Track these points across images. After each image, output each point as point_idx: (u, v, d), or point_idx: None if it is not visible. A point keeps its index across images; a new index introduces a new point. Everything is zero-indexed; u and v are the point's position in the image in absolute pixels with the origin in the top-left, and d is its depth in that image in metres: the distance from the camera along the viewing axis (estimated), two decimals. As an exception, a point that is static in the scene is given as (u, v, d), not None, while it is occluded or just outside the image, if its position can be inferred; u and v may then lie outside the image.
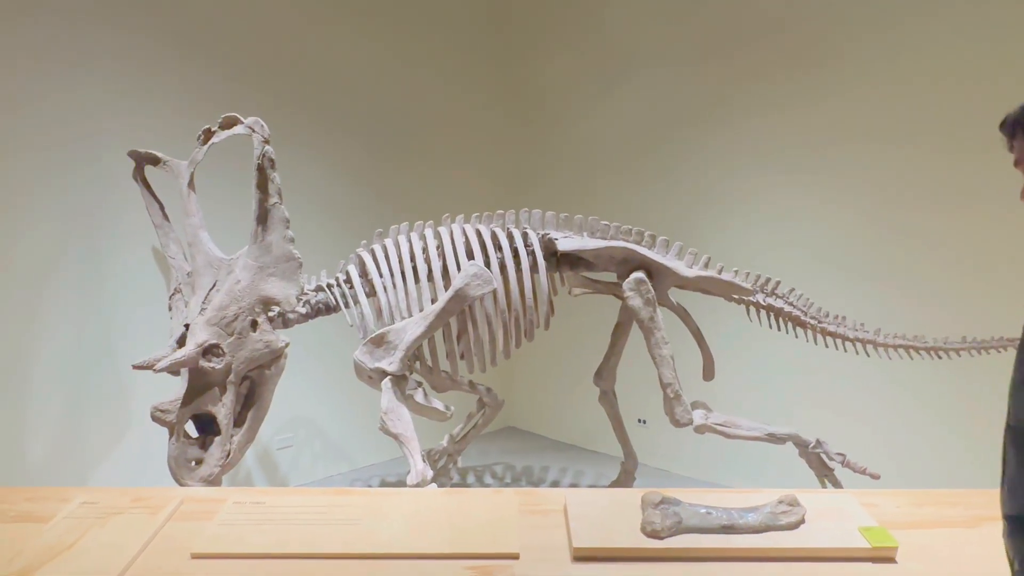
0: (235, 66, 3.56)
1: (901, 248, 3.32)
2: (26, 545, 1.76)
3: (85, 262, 3.12)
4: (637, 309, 2.81)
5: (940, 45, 3.15)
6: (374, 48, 4.17)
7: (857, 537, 1.75)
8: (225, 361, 2.52)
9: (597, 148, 4.52)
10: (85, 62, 3.06)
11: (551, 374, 4.92)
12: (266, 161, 2.54)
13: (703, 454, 4.05)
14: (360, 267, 2.92)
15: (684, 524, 1.78)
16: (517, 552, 1.72)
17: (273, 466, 3.87)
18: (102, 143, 3.11)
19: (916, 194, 3.26)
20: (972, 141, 3.04)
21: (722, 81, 3.88)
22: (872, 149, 3.38)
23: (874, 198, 3.39)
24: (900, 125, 3.28)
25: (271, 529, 1.82)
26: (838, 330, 2.93)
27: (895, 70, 3.28)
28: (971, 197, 3.10)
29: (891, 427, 3.36)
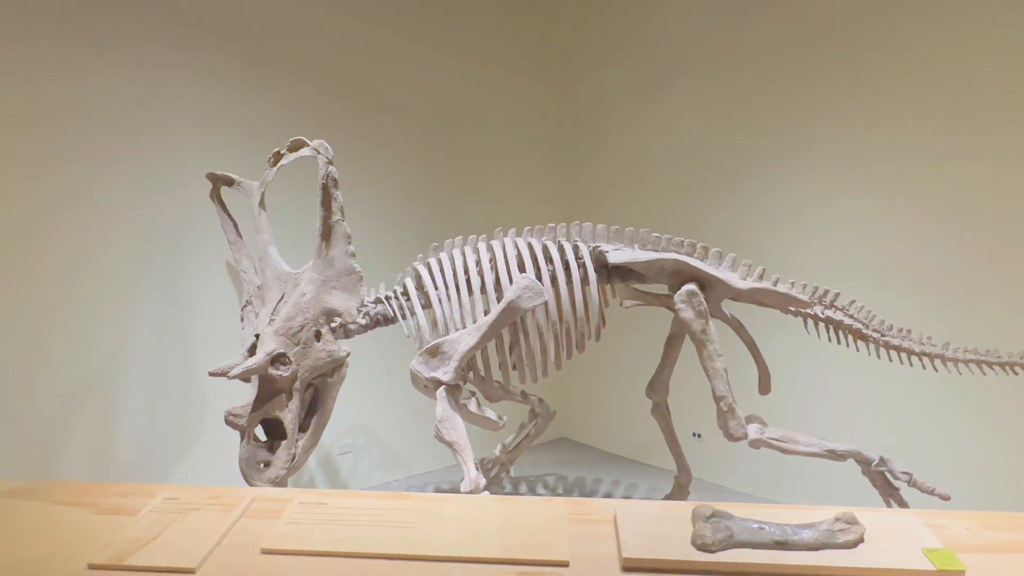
0: (299, 92, 3.78)
1: (970, 259, 3.16)
2: (117, 535, 1.93)
3: (167, 277, 3.38)
4: (689, 321, 2.80)
5: (1007, 54, 3.01)
6: (427, 68, 4.33)
7: (921, 559, 1.69)
8: (291, 369, 2.67)
9: (648, 160, 4.52)
10: (169, 93, 3.34)
11: (604, 386, 4.91)
12: (330, 180, 2.70)
13: (759, 470, 3.95)
14: (416, 280, 3.03)
15: (736, 538, 1.77)
16: (567, 560, 1.76)
17: (334, 470, 4.04)
18: (183, 166, 3.37)
19: (985, 203, 3.11)
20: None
21: (775, 88, 3.82)
22: (936, 156, 3.25)
23: (940, 207, 3.25)
24: (970, 131, 3.15)
25: (334, 529, 1.93)
26: (903, 344, 2.82)
27: (968, 72, 3.15)
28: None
29: (961, 446, 3.19)
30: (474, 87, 4.57)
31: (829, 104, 3.61)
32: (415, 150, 4.29)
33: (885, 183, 3.44)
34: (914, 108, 3.31)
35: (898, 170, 3.39)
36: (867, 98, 3.47)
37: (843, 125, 3.57)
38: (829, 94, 3.60)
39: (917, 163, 3.32)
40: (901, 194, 3.39)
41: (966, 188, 3.18)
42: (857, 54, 3.49)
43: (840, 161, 3.59)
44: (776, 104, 3.83)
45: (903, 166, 3.37)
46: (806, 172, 3.73)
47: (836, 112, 3.59)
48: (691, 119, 4.26)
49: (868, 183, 3.50)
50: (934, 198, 3.27)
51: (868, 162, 3.49)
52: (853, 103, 3.52)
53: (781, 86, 3.80)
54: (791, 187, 3.80)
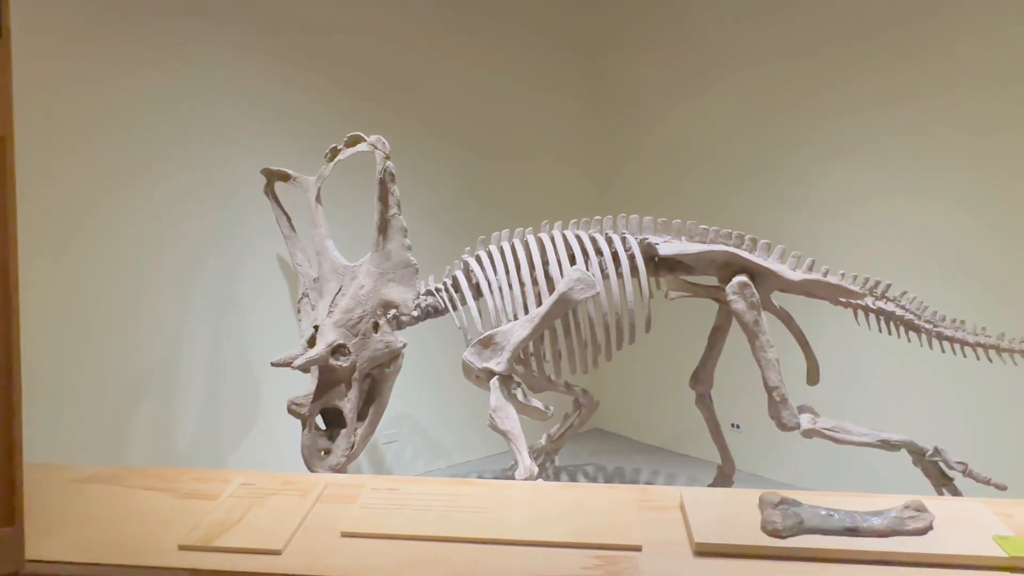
0: (347, 88, 3.84)
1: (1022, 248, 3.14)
2: (201, 519, 2.01)
3: (221, 270, 3.47)
4: (741, 312, 2.83)
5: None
6: (469, 63, 4.37)
7: (992, 546, 1.72)
8: (351, 360, 2.74)
9: (691, 150, 4.52)
10: (224, 90, 3.42)
11: (638, 376, 4.94)
12: (387, 175, 2.76)
13: (798, 461, 3.96)
14: (466, 272, 3.09)
15: (805, 524, 1.81)
16: (640, 544, 1.81)
17: (379, 459, 4.13)
18: (239, 162, 3.45)
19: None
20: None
21: (817, 75, 3.79)
22: (988, 144, 3.21)
23: (993, 196, 3.22)
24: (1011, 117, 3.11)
25: (408, 513, 2.00)
26: (956, 335, 2.82)
27: (1007, 57, 3.11)
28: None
29: (1018, 437, 3.18)
30: (513, 80, 4.60)
31: (874, 95, 3.58)
32: (458, 143, 4.33)
33: (932, 173, 3.41)
34: (963, 98, 3.27)
35: (946, 161, 3.36)
36: (916, 88, 3.43)
37: (888, 116, 3.54)
38: (876, 85, 3.57)
39: (966, 153, 3.29)
40: (949, 184, 3.36)
41: (1018, 176, 3.14)
42: (907, 40, 3.46)
43: (885, 152, 3.56)
44: (818, 95, 3.81)
45: (951, 157, 3.34)
46: (850, 163, 3.71)
47: (881, 103, 3.56)
48: (730, 110, 4.25)
49: (914, 174, 3.47)
50: (984, 187, 3.24)
51: (914, 153, 3.46)
52: (900, 93, 3.49)
53: (823, 77, 3.78)
54: (834, 178, 3.78)
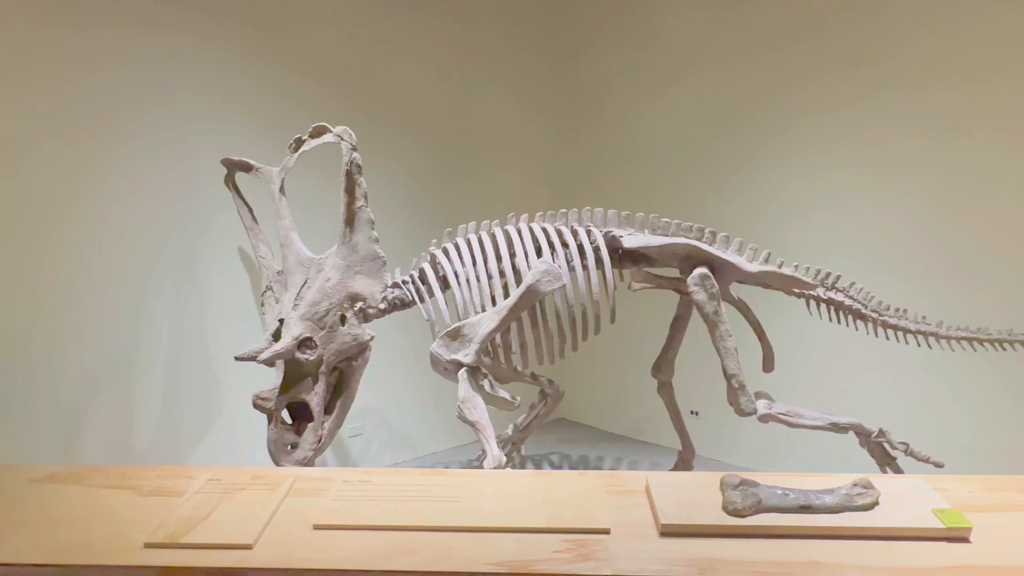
0: (311, 79, 3.76)
1: (961, 242, 3.34)
2: (167, 516, 1.98)
3: (181, 263, 3.38)
4: (702, 303, 2.92)
5: (999, 37, 3.16)
6: (434, 55, 4.34)
7: (932, 518, 1.84)
8: (317, 353, 2.72)
9: (653, 146, 4.61)
10: (180, 76, 3.31)
11: (601, 367, 5.04)
12: (354, 167, 2.73)
13: (751, 445, 4.13)
14: (433, 264, 3.09)
15: (764, 504, 1.90)
16: (608, 527, 1.87)
17: (345, 453, 4.10)
18: (196, 151, 3.35)
19: (974, 188, 3.28)
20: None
21: (776, 78, 3.93)
22: (929, 144, 3.40)
23: (932, 193, 3.42)
24: (957, 120, 3.30)
25: (381, 504, 2.01)
26: (899, 323, 2.99)
27: (953, 64, 3.30)
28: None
29: (954, 417, 3.40)
30: (480, 74, 4.59)
31: (827, 92, 3.73)
32: (423, 136, 4.31)
33: (880, 170, 3.59)
34: (907, 97, 3.45)
35: (892, 157, 3.54)
36: (864, 87, 3.60)
37: (839, 112, 3.70)
38: (828, 82, 3.72)
39: (910, 152, 3.48)
40: (894, 180, 3.54)
41: (954, 176, 3.34)
42: (857, 45, 3.62)
43: (837, 147, 3.73)
44: (774, 91, 3.95)
45: (897, 154, 3.52)
46: (804, 158, 3.86)
47: (833, 100, 3.71)
48: (692, 107, 4.35)
49: (864, 169, 3.64)
50: (925, 186, 3.44)
51: (864, 149, 3.64)
52: (851, 91, 3.65)
53: (780, 73, 3.92)
54: (789, 172, 3.93)
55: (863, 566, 1.68)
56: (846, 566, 1.68)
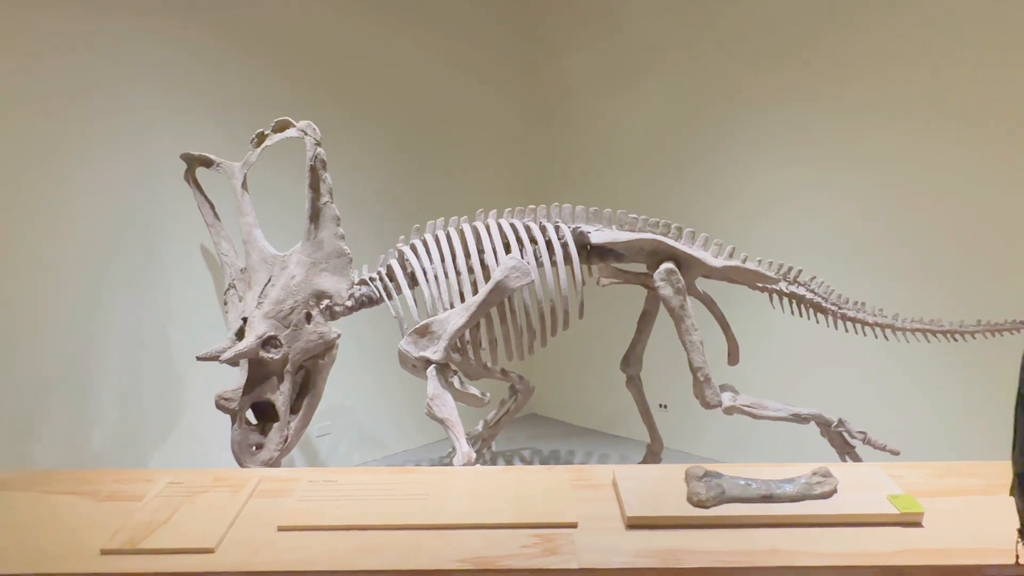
0: (277, 72, 3.69)
1: (916, 236, 3.45)
2: (126, 521, 1.92)
3: (138, 260, 3.28)
4: (668, 298, 2.96)
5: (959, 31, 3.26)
6: (400, 49, 4.30)
7: (886, 504, 1.91)
8: (282, 352, 2.67)
9: (619, 142, 4.65)
10: (138, 68, 3.20)
11: (571, 362, 5.08)
12: (318, 162, 2.69)
13: (718, 436, 4.21)
14: (401, 261, 3.07)
15: (727, 494, 1.94)
16: (575, 521, 1.88)
17: (313, 453, 4.05)
18: (154, 146, 3.25)
19: (932, 183, 3.39)
20: (984, 131, 3.17)
21: (742, 74, 4.00)
22: (889, 140, 3.50)
23: (892, 186, 3.52)
24: (916, 116, 3.41)
25: (347, 504, 1.99)
26: (858, 316, 3.08)
27: (911, 58, 3.40)
28: (984, 186, 3.23)
29: (909, 406, 3.52)
30: (447, 71, 4.56)
31: (792, 90, 3.81)
32: (387, 132, 4.26)
33: (841, 166, 3.68)
34: (868, 98, 3.55)
35: (852, 151, 3.63)
36: (827, 86, 3.68)
37: (805, 111, 3.78)
38: (793, 81, 3.80)
39: (869, 146, 3.57)
40: (855, 178, 3.64)
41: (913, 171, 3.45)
42: (820, 40, 3.70)
43: (799, 142, 3.81)
44: (742, 88, 4.02)
45: (857, 147, 3.62)
46: (769, 155, 3.94)
47: (798, 98, 3.79)
48: (660, 102, 4.40)
49: (825, 163, 3.74)
50: (885, 181, 3.54)
51: (825, 143, 3.73)
52: (814, 90, 3.73)
53: (747, 71, 3.98)
54: (756, 170, 4.01)
55: (820, 552, 1.72)
56: (804, 553, 1.72)
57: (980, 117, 3.18)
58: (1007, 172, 3.15)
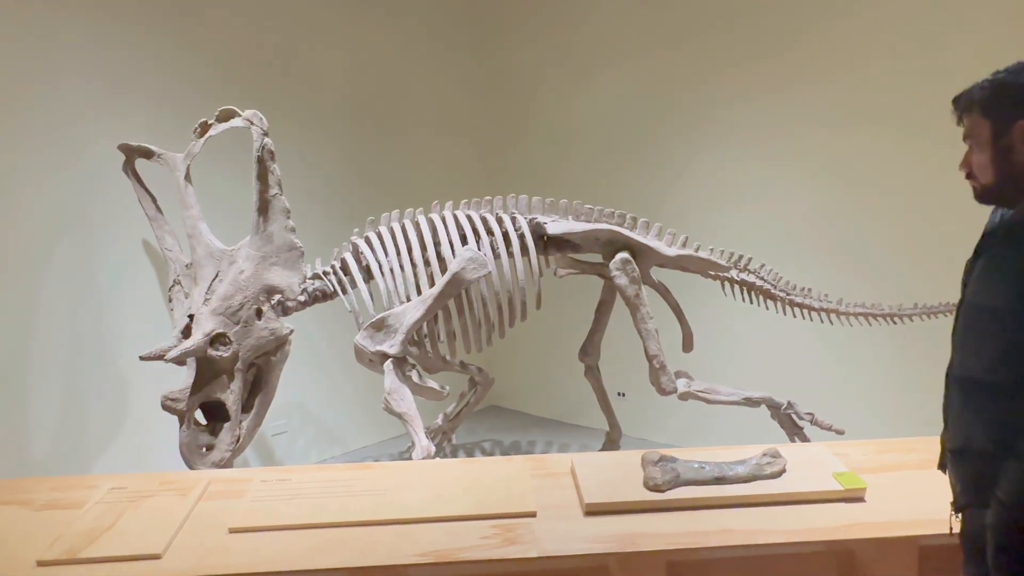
0: (219, 59, 3.54)
1: (859, 224, 3.59)
2: (65, 530, 1.83)
3: (76, 257, 3.11)
4: (624, 287, 3.00)
5: (897, 35, 3.39)
6: (352, 40, 4.19)
7: (831, 481, 1.98)
8: (232, 349, 2.59)
9: (574, 132, 4.66)
10: (71, 55, 3.02)
11: (530, 353, 5.09)
12: (266, 153, 2.60)
13: (676, 422, 4.30)
14: (355, 254, 3.01)
15: (682, 478, 1.98)
16: (534, 510, 1.89)
17: (268, 452, 3.95)
18: (89, 136, 3.08)
19: (872, 175, 3.53)
20: (922, 128, 3.30)
21: (694, 66, 4.06)
22: (834, 133, 3.62)
23: (835, 179, 3.64)
24: (856, 112, 3.53)
25: (302, 502, 1.94)
26: (805, 301, 3.18)
27: (856, 57, 3.51)
28: (922, 178, 3.38)
29: (853, 387, 3.66)
30: (400, 60, 4.48)
31: (739, 83, 3.89)
32: (341, 122, 4.16)
33: (787, 158, 3.79)
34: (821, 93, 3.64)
35: (798, 146, 3.74)
36: (777, 80, 3.77)
37: (752, 105, 3.86)
38: (740, 76, 3.88)
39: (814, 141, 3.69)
40: (800, 170, 3.75)
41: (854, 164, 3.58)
42: (766, 37, 3.78)
43: (751, 138, 3.90)
44: (694, 80, 4.08)
45: (802, 143, 3.72)
46: (719, 148, 4.02)
47: (749, 95, 3.87)
48: (614, 94, 4.43)
49: (773, 159, 3.84)
50: (828, 173, 3.66)
51: (772, 140, 3.83)
52: (761, 83, 3.82)
53: (696, 63, 4.04)
54: (706, 161, 4.08)
55: (771, 530, 1.78)
56: (755, 531, 1.78)
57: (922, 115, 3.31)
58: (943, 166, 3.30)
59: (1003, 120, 1.25)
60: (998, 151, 1.27)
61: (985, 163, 1.29)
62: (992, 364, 1.24)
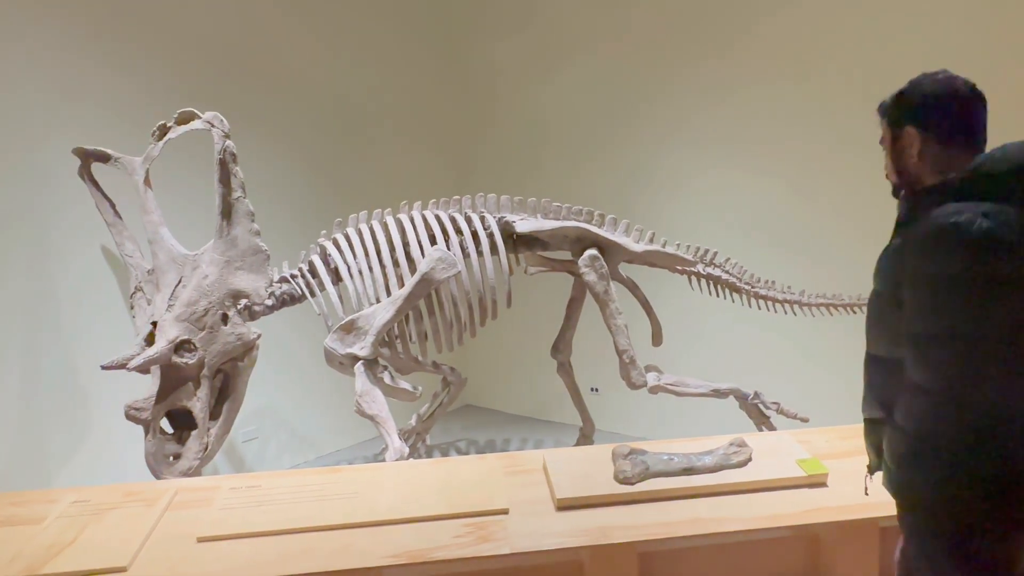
0: (181, 60, 3.46)
1: (821, 218, 3.68)
2: (23, 546, 1.78)
3: (32, 265, 3.01)
4: (593, 284, 3.03)
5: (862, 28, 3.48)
6: (318, 39, 4.14)
7: (795, 468, 2.04)
8: (197, 356, 2.54)
9: (542, 130, 4.68)
10: (24, 56, 2.92)
11: (503, 351, 5.11)
12: (228, 155, 2.56)
13: (649, 415, 4.37)
14: (323, 256, 2.98)
15: (651, 470, 2.02)
16: (507, 508, 1.91)
17: (239, 459, 3.88)
18: (42, 141, 2.98)
19: (833, 170, 3.62)
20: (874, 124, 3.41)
21: (659, 63, 4.11)
22: (794, 130, 3.71)
23: (798, 173, 3.73)
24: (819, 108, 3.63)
25: (272, 509, 1.92)
26: (769, 293, 3.26)
27: (816, 54, 3.60)
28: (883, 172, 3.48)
29: (816, 375, 3.76)
30: (366, 58, 4.44)
31: (708, 79, 3.96)
32: (307, 122, 4.11)
33: (754, 153, 3.87)
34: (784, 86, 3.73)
35: (759, 143, 3.83)
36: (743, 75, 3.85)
37: (716, 101, 3.94)
38: (710, 72, 3.95)
39: (774, 136, 3.77)
40: (761, 164, 3.84)
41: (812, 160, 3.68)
42: (731, 34, 3.85)
43: (716, 133, 3.97)
44: (660, 77, 4.13)
45: (764, 140, 3.81)
46: (684, 143, 4.08)
47: (714, 87, 3.94)
48: (581, 91, 4.46)
49: (737, 153, 3.91)
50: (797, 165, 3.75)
51: (736, 135, 3.90)
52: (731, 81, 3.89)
53: (666, 60, 4.10)
54: (672, 156, 4.14)
55: (737, 517, 1.82)
56: (724, 519, 1.82)
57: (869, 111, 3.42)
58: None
59: (898, 126, 1.41)
60: (895, 153, 1.44)
61: (889, 165, 1.48)
62: (882, 344, 1.49)
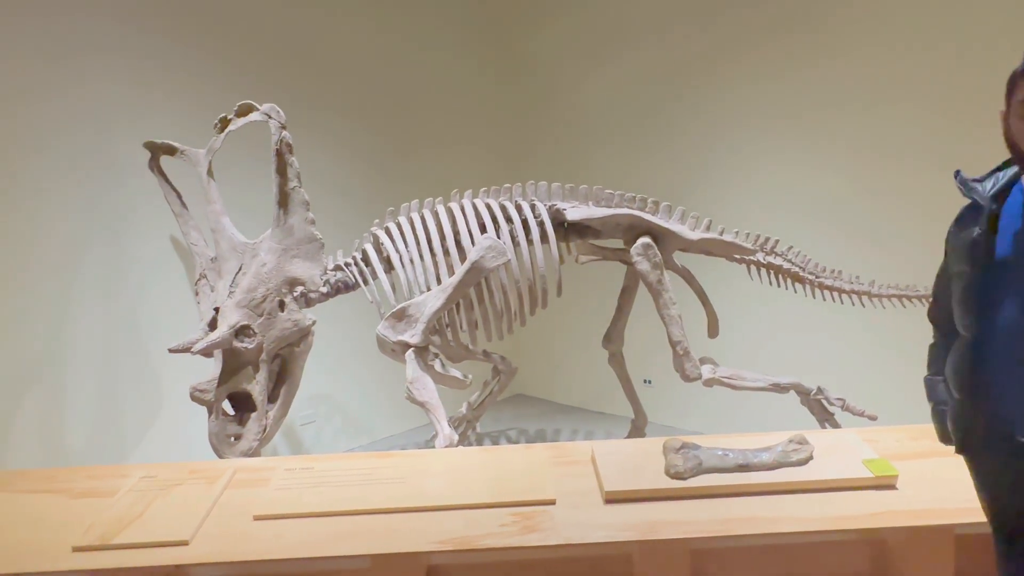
0: (239, 55, 3.58)
1: (891, 203, 3.45)
2: (98, 517, 1.89)
3: (108, 253, 3.19)
4: (646, 272, 2.95)
5: (927, 9, 3.24)
6: (371, 29, 4.19)
7: (861, 468, 1.92)
8: (256, 341, 2.63)
9: (593, 117, 4.59)
10: (96, 55, 3.09)
11: (555, 341, 5.07)
12: (284, 146, 2.62)
13: (704, 409, 4.24)
14: (376, 245, 3.02)
15: (704, 465, 1.95)
16: (554, 498, 1.88)
17: (297, 442, 4.02)
18: (117, 135, 3.15)
19: (903, 154, 3.39)
20: (952, 105, 3.15)
21: (714, 47, 3.95)
22: (861, 112, 3.49)
23: (864, 157, 3.51)
24: (886, 88, 3.39)
25: (325, 490, 1.97)
26: (835, 284, 3.08)
27: (882, 35, 3.37)
28: (955, 155, 3.23)
29: (887, 371, 3.54)
30: (418, 49, 4.46)
31: (765, 63, 3.78)
32: (361, 114, 4.18)
33: (814, 139, 3.67)
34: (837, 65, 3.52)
35: (825, 127, 3.62)
36: (799, 55, 3.65)
37: (777, 84, 3.75)
38: (765, 54, 3.76)
39: (841, 120, 3.56)
40: (828, 149, 3.63)
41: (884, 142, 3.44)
42: (792, 13, 3.65)
43: (776, 120, 3.78)
44: (715, 61, 3.97)
45: (830, 123, 3.60)
46: (744, 128, 3.91)
47: (771, 71, 3.76)
48: (634, 75, 4.34)
49: (800, 138, 3.72)
50: (858, 152, 3.53)
51: (799, 119, 3.70)
52: (786, 62, 3.70)
53: (719, 44, 3.94)
54: (731, 142, 3.98)
55: (797, 518, 1.74)
56: (781, 519, 1.73)
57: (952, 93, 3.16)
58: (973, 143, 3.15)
59: None
60: None
61: None
62: None
